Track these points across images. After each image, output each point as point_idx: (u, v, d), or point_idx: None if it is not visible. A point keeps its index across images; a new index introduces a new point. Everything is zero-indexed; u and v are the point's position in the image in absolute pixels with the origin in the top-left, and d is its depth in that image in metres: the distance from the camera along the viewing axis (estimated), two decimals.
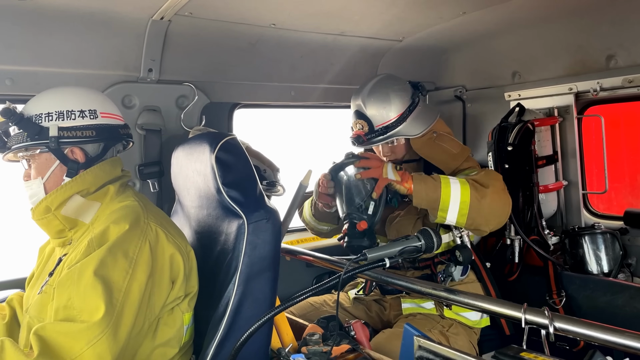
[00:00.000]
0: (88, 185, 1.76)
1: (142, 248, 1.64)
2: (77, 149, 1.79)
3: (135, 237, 1.65)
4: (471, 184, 2.29)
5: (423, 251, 1.71)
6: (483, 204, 2.26)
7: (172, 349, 1.76)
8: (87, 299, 1.52)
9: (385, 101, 2.53)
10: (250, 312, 1.76)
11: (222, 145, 1.88)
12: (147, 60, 2.52)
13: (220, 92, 2.90)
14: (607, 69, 2.85)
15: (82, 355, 1.46)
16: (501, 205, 2.32)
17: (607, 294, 2.62)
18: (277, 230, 1.87)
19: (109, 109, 1.87)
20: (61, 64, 2.34)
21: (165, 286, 1.70)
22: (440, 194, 2.26)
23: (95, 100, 1.85)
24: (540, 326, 1.53)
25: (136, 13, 2.27)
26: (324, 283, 1.58)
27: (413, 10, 2.60)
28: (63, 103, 1.78)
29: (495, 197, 2.29)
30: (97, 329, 1.48)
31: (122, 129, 1.90)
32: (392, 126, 2.51)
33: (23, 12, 2.08)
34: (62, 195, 1.73)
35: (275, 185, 2.67)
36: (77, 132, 1.76)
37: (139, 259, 1.62)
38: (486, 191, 2.27)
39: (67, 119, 1.76)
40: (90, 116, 1.80)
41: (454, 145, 2.57)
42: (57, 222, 1.75)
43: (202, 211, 2.03)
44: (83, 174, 1.76)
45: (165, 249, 1.70)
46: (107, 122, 1.84)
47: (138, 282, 1.60)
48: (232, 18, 2.47)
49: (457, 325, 2.50)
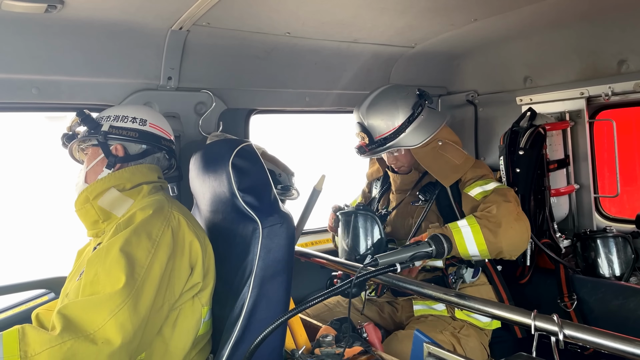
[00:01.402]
0: (124, 181, 1.95)
1: (164, 231, 1.78)
2: (120, 146, 2.04)
3: (158, 222, 1.79)
4: (482, 225, 2.28)
5: (434, 257, 1.75)
6: (500, 240, 2.27)
7: (188, 340, 1.83)
8: (111, 272, 1.63)
9: (383, 113, 2.58)
10: (265, 314, 1.82)
11: (238, 151, 1.96)
12: (167, 68, 2.60)
13: (237, 98, 2.98)
14: (619, 73, 2.86)
15: (105, 326, 1.54)
16: (518, 236, 2.32)
17: (618, 297, 2.63)
18: (291, 234, 1.93)
19: (158, 123, 2.15)
20: (84, 73, 2.43)
21: (184, 270, 1.81)
22: (455, 245, 2.27)
23: (149, 114, 2.15)
24: (550, 333, 1.53)
25: (156, 24, 2.35)
26: (335, 288, 1.63)
27: (424, 18, 2.64)
28: (122, 111, 2.11)
29: (509, 232, 2.28)
30: (118, 298, 1.58)
31: (165, 141, 2.14)
32: (390, 137, 2.56)
33: (48, 24, 2.17)
34: (100, 187, 1.93)
35: (290, 189, 2.73)
36: (123, 131, 2.04)
37: (161, 241, 1.75)
38: (498, 230, 2.27)
39: (120, 121, 2.07)
40: (139, 123, 2.09)
41: (458, 156, 2.59)
42: (93, 212, 1.93)
43: (218, 215, 2.10)
44: (121, 170, 1.98)
45: (186, 235, 1.83)
46: (152, 131, 2.11)
47: (159, 261, 1.71)
48: (248, 27, 2.54)
49: (468, 326, 2.53)
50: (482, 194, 2.47)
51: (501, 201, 2.36)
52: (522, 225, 2.34)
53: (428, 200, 2.66)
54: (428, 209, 2.64)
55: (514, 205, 2.37)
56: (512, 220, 2.31)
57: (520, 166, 2.90)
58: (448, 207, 2.63)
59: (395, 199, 2.86)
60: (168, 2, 2.15)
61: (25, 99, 2.32)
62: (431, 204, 2.64)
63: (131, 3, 2.12)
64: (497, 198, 2.39)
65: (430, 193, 2.66)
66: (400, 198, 2.83)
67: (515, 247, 2.33)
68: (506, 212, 2.31)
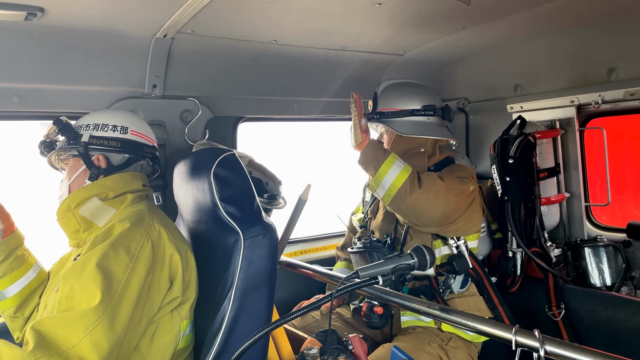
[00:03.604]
0: (107, 190, 1.91)
1: (144, 245, 1.72)
2: (102, 157, 1.98)
3: (138, 234, 1.74)
4: (411, 177, 2.41)
5: (416, 269, 1.72)
6: (408, 199, 2.39)
7: (166, 354, 1.79)
8: (86, 288, 1.58)
9: (396, 95, 2.73)
10: (246, 327, 1.78)
11: (220, 161, 1.93)
12: (152, 76, 2.58)
13: (224, 106, 2.95)
14: (609, 81, 2.84)
15: (79, 344, 1.50)
16: (425, 207, 2.42)
17: (609, 308, 2.60)
18: (274, 246, 1.89)
19: (140, 130, 2.08)
20: (67, 81, 2.41)
21: (163, 283, 1.76)
22: (380, 166, 2.43)
23: (130, 120, 2.07)
24: (531, 349, 1.52)
25: (140, 31, 2.32)
26: (315, 303, 1.61)
27: (412, 25, 2.62)
28: (102, 118, 2.03)
29: (422, 196, 2.39)
30: (93, 315, 1.53)
31: (148, 148, 2.09)
32: (386, 115, 2.69)
33: (30, 31, 2.14)
34: (81, 195, 1.88)
35: (277, 198, 2.70)
36: (104, 142, 1.98)
37: (140, 255, 1.69)
38: (415, 189, 2.40)
39: (100, 130, 1.99)
40: (121, 131, 2.02)
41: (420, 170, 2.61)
42: (74, 221, 1.88)
43: (201, 225, 2.07)
44: (103, 179, 1.93)
45: (166, 248, 1.79)
46: (134, 139, 2.04)
47: (138, 276, 1.66)
48: (234, 35, 2.51)
49: (456, 339, 2.50)
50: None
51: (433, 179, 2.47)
52: (436, 202, 2.41)
53: None
54: None
55: (444, 186, 2.45)
56: (433, 191, 2.42)
57: (510, 174, 2.87)
58: None
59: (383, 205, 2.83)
60: (151, 10, 2.12)
61: (6, 108, 2.30)
62: None
63: (113, 10, 2.10)
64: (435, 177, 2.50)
65: None
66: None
67: (417, 214, 2.46)
68: (434, 184, 2.43)
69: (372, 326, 2.57)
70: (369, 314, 2.56)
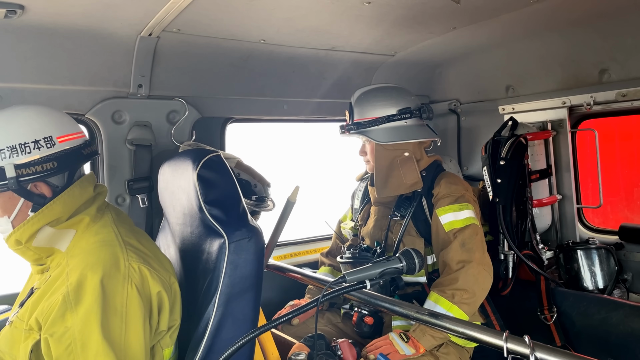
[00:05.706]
0: (58, 215, 1.63)
1: (129, 294, 1.53)
2: (41, 183, 1.64)
3: (118, 284, 1.53)
4: (459, 303, 2.33)
5: (405, 272, 1.68)
6: (477, 302, 2.40)
7: None
8: None
9: (370, 102, 2.64)
10: (231, 333, 1.73)
11: (204, 162, 1.87)
12: (137, 76, 2.53)
13: (212, 107, 2.90)
14: (601, 82, 2.82)
15: None
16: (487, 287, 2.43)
17: (601, 311, 2.58)
18: (260, 249, 1.84)
19: (65, 130, 1.68)
20: (50, 80, 2.35)
21: (154, 323, 1.65)
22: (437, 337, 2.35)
23: (49, 124, 1.65)
24: (522, 356, 1.50)
25: (124, 30, 2.27)
26: (300, 308, 1.56)
27: (402, 25, 2.59)
28: (14, 135, 1.59)
29: (482, 293, 2.41)
30: None
31: (85, 148, 1.72)
32: (364, 124, 2.61)
33: (9, 29, 2.09)
34: (29, 229, 1.61)
35: (265, 201, 2.66)
36: (36, 168, 1.59)
37: (129, 310, 1.52)
38: (474, 299, 2.37)
39: (21, 154, 1.58)
40: (46, 145, 1.61)
41: (410, 176, 2.59)
42: (31, 252, 1.67)
43: (186, 229, 2.02)
44: (50, 205, 1.62)
45: (152, 287, 1.61)
46: (67, 147, 1.66)
47: (135, 333, 1.53)
48: (221, 34, 2.47)
49: (447, 344, 2.46)
50: (451, 225, 2.49)
51: (467, 260, 2.41)
52: (486, 277, 2.43)
53: (404, 216, 2.61)
54: (406, 224, 2.58)
55: (478, 259, 2.42)
56: (481, 281, 2.40)
57: (502, 176, 2.84)
58: (424, 222, 2.60)
59: (374, 212, 2.79)
60: (135, 7, 2.07)
61: None
62: (408, 219, 2.58)
63: (96, 8, 2.05)
64: (463, 255, 2.42)
65: (405, 208, 2.62)
66: (378, 211, 2.77)
67: (485, 292, 2.45)
68: (473, 278, 2.38)
69: (362, 336, 2.53)
70: (360, 323, 2.53)
